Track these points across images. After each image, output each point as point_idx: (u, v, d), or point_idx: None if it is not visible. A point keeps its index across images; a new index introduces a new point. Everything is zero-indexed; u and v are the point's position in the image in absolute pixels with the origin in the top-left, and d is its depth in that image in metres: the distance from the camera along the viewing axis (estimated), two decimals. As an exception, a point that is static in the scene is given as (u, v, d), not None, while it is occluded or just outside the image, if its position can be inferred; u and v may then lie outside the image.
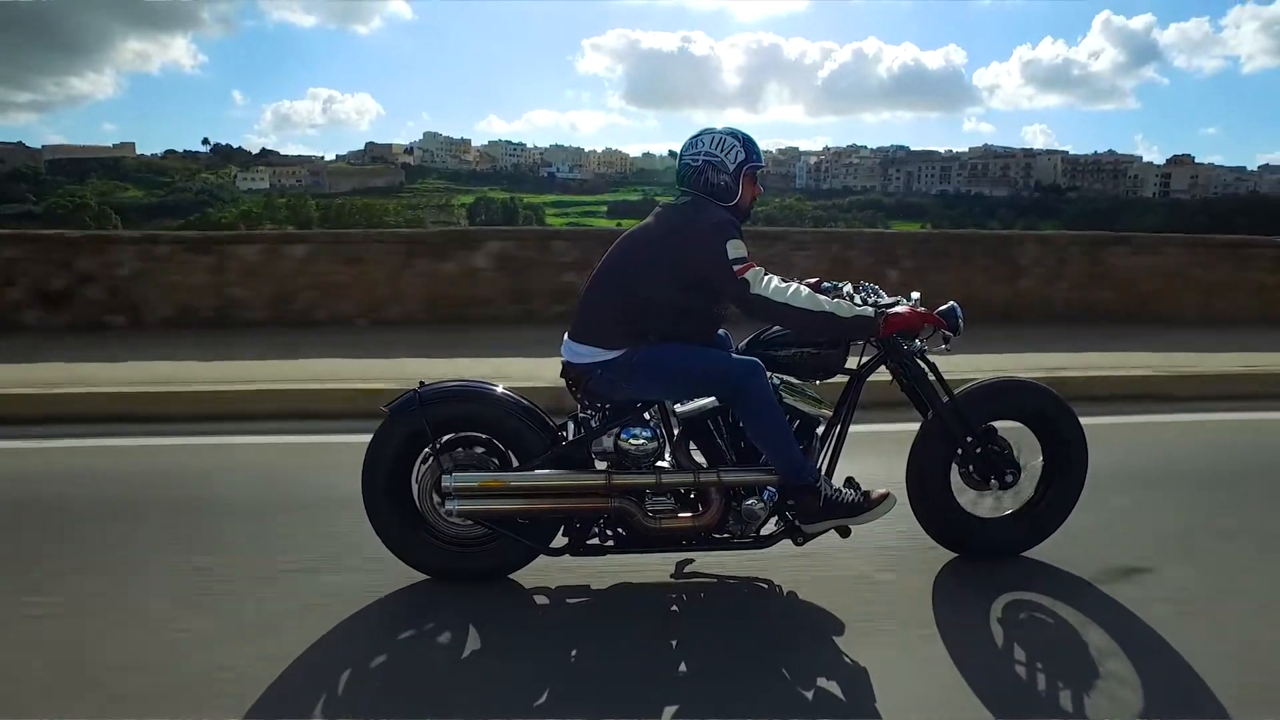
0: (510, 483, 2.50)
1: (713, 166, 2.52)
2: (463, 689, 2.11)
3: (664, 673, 2.19)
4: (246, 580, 2.65)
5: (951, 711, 2.02)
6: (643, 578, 2.69)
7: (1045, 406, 2.83)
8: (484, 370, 4.75)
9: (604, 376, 2.51)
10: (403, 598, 2.56)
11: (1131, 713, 2.04)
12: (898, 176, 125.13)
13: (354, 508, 2.64)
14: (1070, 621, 2.47)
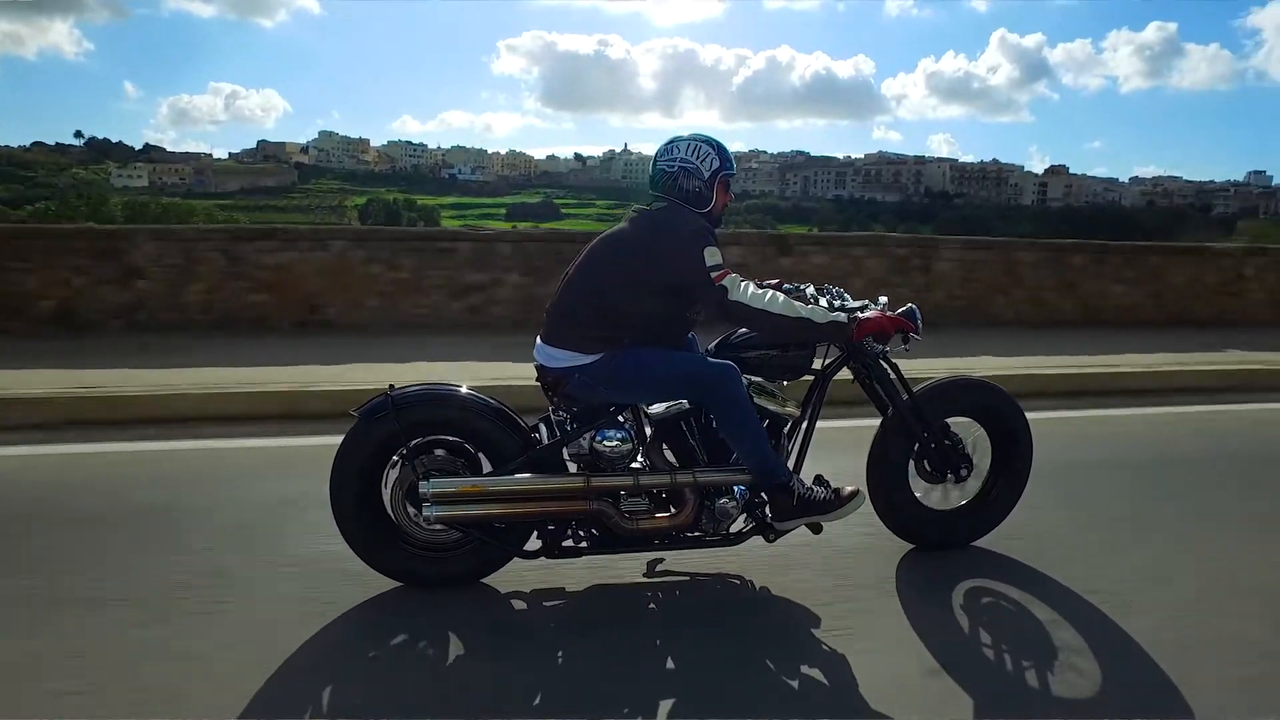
0: (489, 487, 2.51)
1: (688, 173, 2.59)
2: (445, 695, 2.11)
3: (650, 672, 2.24)
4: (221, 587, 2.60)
5: (930, 694, 2.14)
6: (616, 578, 2.74)
7: (996, 403, 3.00)
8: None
9: (581, 380, 2.55)
10: (376, 605, 2.54)
11: (1090, 683, 2.20)
12: (795, 181, 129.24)
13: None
14: (1022, 603, 2.64)
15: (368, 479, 2.56)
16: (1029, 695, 2.16)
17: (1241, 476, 4.04)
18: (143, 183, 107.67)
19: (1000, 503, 3.02)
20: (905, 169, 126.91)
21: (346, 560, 2.61)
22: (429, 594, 2.60)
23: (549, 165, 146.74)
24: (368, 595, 2.57)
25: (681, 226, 2.51)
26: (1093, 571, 2.83)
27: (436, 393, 2.63)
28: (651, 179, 2.67)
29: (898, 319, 2.67)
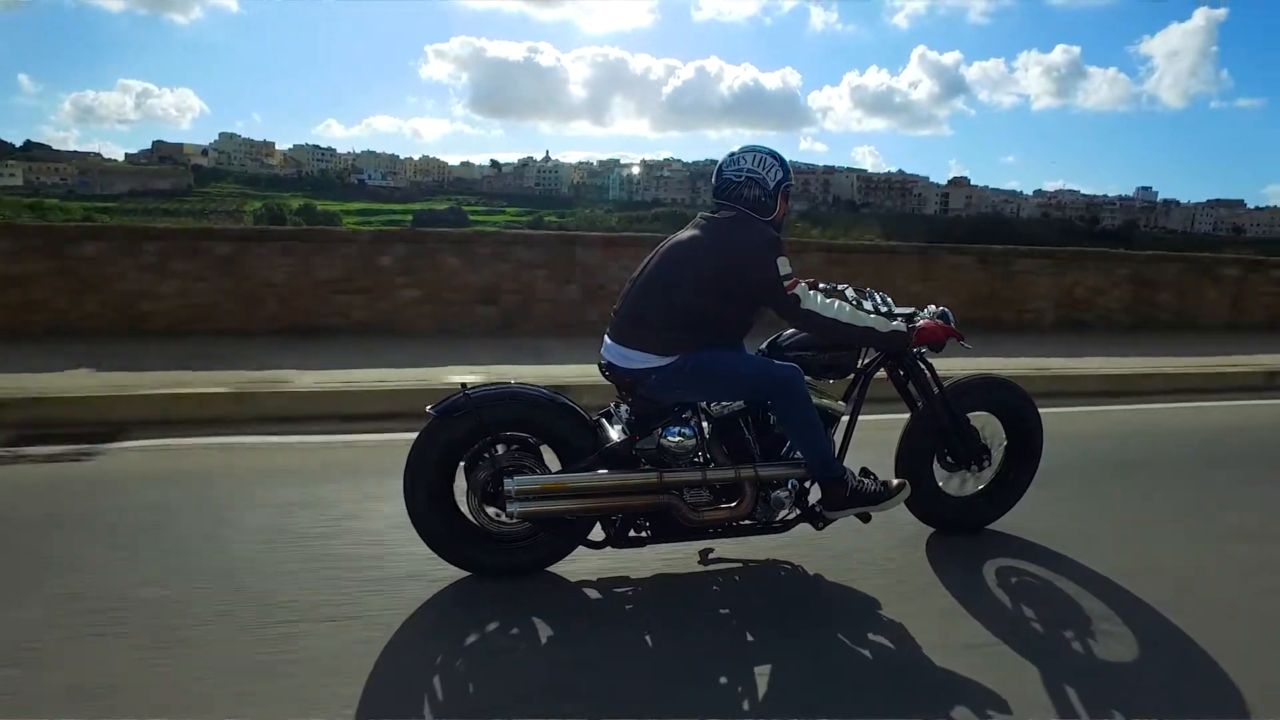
0: (570, 484, 2.65)
1: (754, 183, 2.75)
2: (551, 682, 2.27)
3: (734, 654, 2.46)
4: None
5: (987, 658, 2.42)
6: (672, 568, 2.94)
7: (1014, 400, 3.29)
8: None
9: (659, 381, 2.70)
10: (449, 596, 2.69)
11: (1126, 646, 2.51)
12: (706, 190, 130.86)
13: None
14: (1046, 578, 2.95)
15: (442, 475, 2.70)
16: (1074, 657, 2.45)
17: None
18: (16, 181, 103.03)
19: (1013, 490, 3.33)
20: (814, 178, 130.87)
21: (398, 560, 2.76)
22: (511, 585, 2.75)
23: (463, 171, 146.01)
24: (438, 589, 2.72)
25: (758, 237, 2.66)
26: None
27: (511, 391, 2.77)
28: (716, 188, 2.83)
29: (949, 328, 2.93)
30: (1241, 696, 2.28)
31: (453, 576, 2.77)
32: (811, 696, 2.22)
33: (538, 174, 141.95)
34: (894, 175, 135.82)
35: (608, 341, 2.80)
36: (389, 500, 3.13)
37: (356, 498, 3.48)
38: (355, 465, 3.98)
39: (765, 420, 2.88)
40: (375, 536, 3.08)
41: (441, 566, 2.77)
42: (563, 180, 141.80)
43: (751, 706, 2.17)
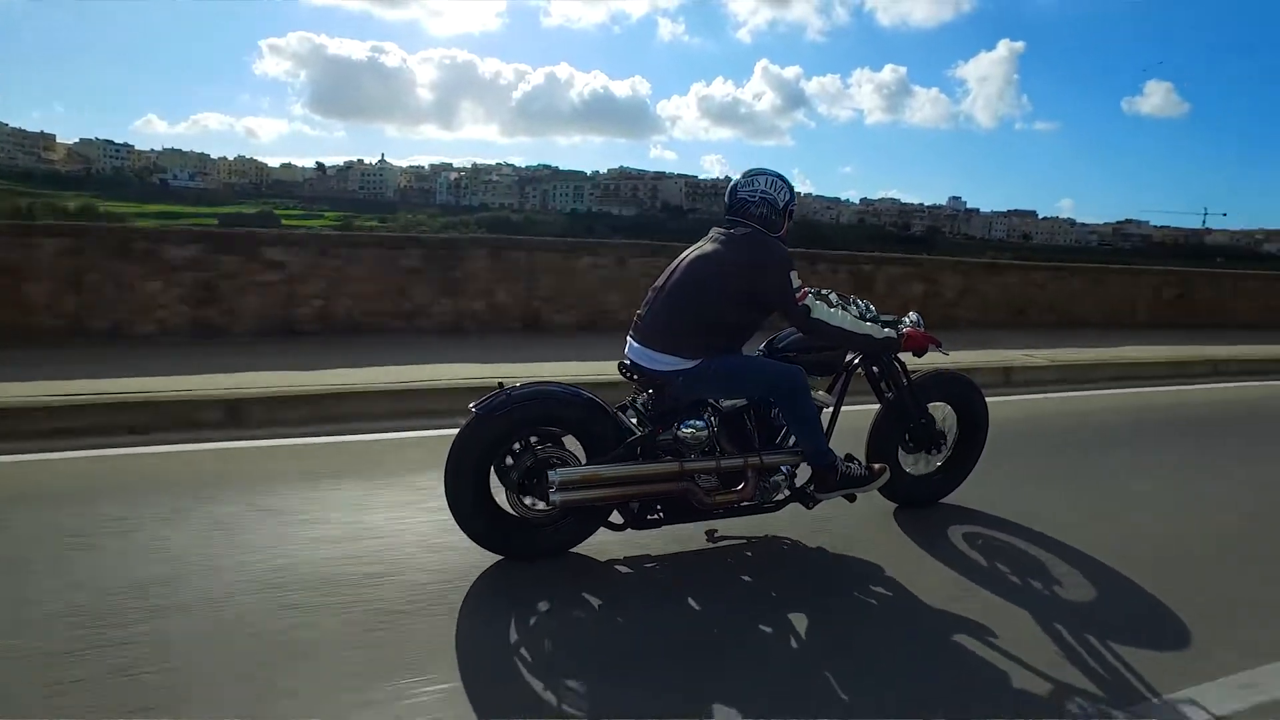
0: (606, 474, 2.95)
1: (767, 203, 3.13)
2: (623, 648, 2.59)
3: (767, 613, 2.84)
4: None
5: (971, 602, 2.93)
6: (683, 545, 3.29)
7: (966, 391, 3.87)
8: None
9: (685, 382, 3.05)
10: (502, 581, 2.94)
11: (1085, 588, 3.08)
12: (535, 195, 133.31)
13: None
14: (1000, 538, 3.53)
15: (481, 468, 2.96)
16: (1042, 596, 3.01)
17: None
18: None
19: (964, 467, 3.91)
20: (642, 184, 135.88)
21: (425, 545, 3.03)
22: (547, 566, 3.04)
23: (284, 174, 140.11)
24: (479, 571, 2.99)
25: (775, 252, 3.04)
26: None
27: (546, 389, 3.05)
28: (731, 205, 3.18)
29: (931, 335, 3.43)
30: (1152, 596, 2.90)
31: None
32: (844, 648, 2.63)
33: (362, 177, 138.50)
34: (720, 181, 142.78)
35: (633, 345, 3.13)
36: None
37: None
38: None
39: (764, 414, 3.28)
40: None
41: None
42: (389, 184, 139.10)
43: (789, 662, 2.53)
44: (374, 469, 4.09)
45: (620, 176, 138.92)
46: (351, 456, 4.31)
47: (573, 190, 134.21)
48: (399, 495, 3.69)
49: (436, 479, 3.05)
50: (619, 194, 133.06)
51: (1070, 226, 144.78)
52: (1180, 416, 6.72)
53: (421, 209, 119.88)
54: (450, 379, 5.49)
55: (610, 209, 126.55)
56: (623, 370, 3.18)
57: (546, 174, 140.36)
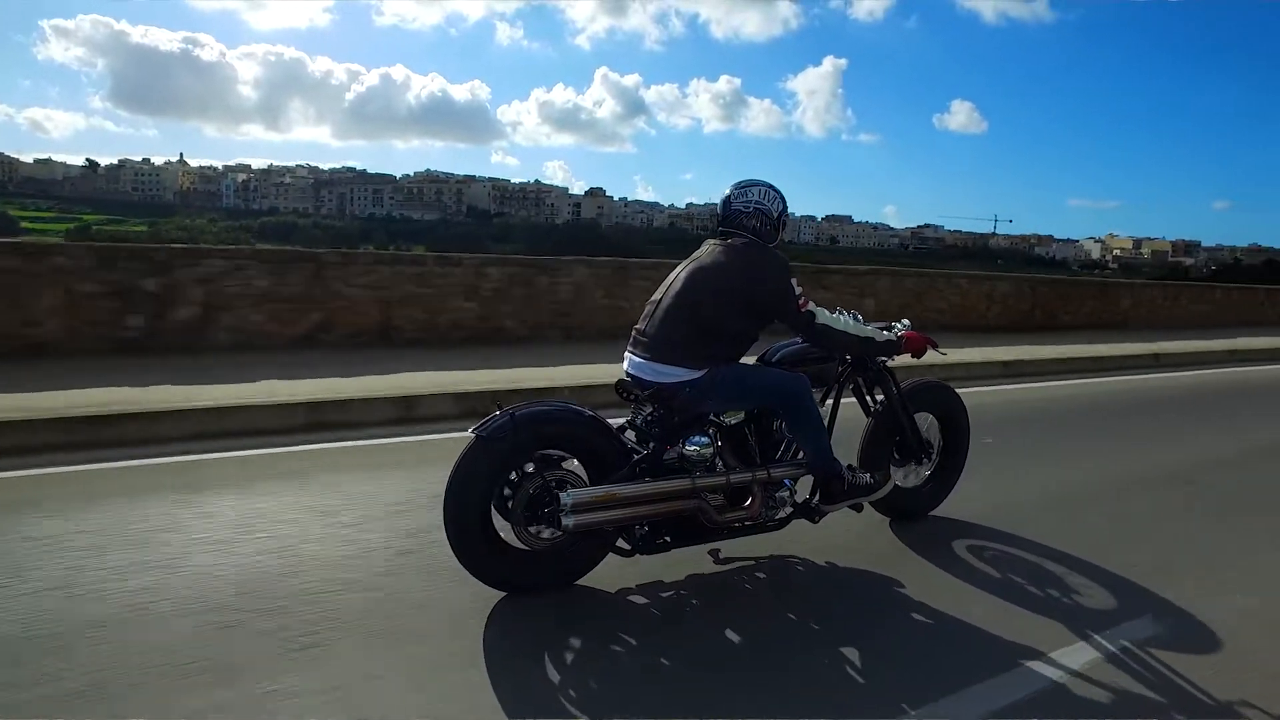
0: (620, 494, 2.85)
1: (761, 213, 3.18)
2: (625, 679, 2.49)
3: (794, 636, 2.83)
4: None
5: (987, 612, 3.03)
6: (697, 569, 3.22)
7: (949, 400, 3.96)
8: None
9: (692, 393, 3.00)
10: (510, 615, 2.76)
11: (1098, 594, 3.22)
12: (330, 198, 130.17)
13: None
14: (1008, 549, 3.62)
15: (485, 495, 2.80)
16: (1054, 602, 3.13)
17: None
18: None
19: (951, 476, 3.98)
20: (447, 188, 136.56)
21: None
22: (564, 599, 2.89)
23: (39, 170, 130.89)
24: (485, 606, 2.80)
25: (774, 260, 3.11)
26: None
27: (550, 410, 2.95)
28: (725, 216, 3.21)
29: (928, 337, 3.52)
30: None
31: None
32: (878, 665, 2.62)
33: (135, 176, 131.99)
34: (529, 185, 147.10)
35: (635, 359, 3.08)
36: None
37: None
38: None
39: (764, 428, 3.30)
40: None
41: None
42: (167, 185, 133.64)
43: (825, 684, 2.49)
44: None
45: (425, 180, 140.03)
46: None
47: (372, 194, 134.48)
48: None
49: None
50: (422, 198, 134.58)
51: (874, 230, 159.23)
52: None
53: (204, 213, 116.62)
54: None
55: (412, 214, 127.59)
56: (621, 389, 3.15)
57: (348, 176, 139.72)
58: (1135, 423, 6.98)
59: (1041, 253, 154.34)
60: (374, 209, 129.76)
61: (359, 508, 3.73)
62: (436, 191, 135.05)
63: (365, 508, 3.73)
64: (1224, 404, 8.33)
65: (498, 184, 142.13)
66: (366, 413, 5.32)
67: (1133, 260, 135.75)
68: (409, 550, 3.27)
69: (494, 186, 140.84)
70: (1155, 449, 5.86)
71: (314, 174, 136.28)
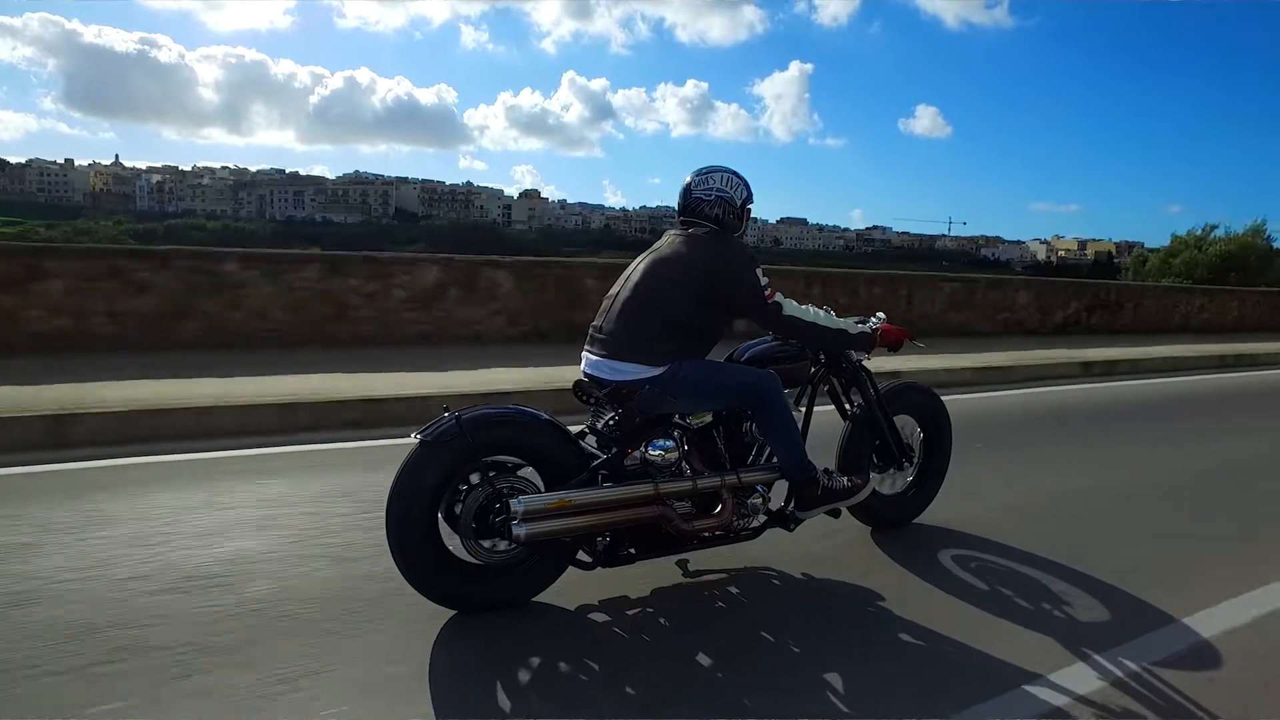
0: (576, 500, 2.67)
1: (724, 201, 3.01)
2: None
3: (774, 655, 2.61)
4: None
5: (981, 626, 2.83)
6: (662, 582, 3.02)
7: (930, 403, 3.78)
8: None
9: (651, 392, 2.82)
10: (466, 631, 2.53)
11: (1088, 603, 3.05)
12: (250, 200, 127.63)
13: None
14: (996, 559, 3.44)
15: (429, 505, 2.60)
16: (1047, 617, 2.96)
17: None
18: None
19: (933, 482, 3.83)
20: (373, 189, 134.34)
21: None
22: (518, 617, 2.69)
23: None
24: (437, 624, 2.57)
25: (740, 251, 2.95)
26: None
27: (502, 413, 2.77)
28: (685, 205, 3.03)
29: (905, 331, 3.37)
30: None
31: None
32: (861, 683, 2.43)
33: (41, 177, 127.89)
34: (459, 187, 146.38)
35: (591, 357, 2.91)
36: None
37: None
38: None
39: (734, 430, 3.12)
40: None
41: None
42: (76, 186, 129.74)
43: (804, 709, 2.29)
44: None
45: (352, 182, 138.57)
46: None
47: (293, 196, 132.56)
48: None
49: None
50: (347, 200, 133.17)
51: (820, 233, 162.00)
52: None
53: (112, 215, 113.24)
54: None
55: (334, 216, 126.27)
56: (579, 391, 2.97)
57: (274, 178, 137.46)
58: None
59: (988, 254, 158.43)
60: (294, 211, 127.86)
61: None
62: (362, 194, 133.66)
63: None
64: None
65: (427, 185, 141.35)
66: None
67: (1077, 261, 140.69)
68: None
69: (423, 188, 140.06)
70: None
71: (236, 175, 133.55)
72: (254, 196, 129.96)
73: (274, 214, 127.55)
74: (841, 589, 3.10)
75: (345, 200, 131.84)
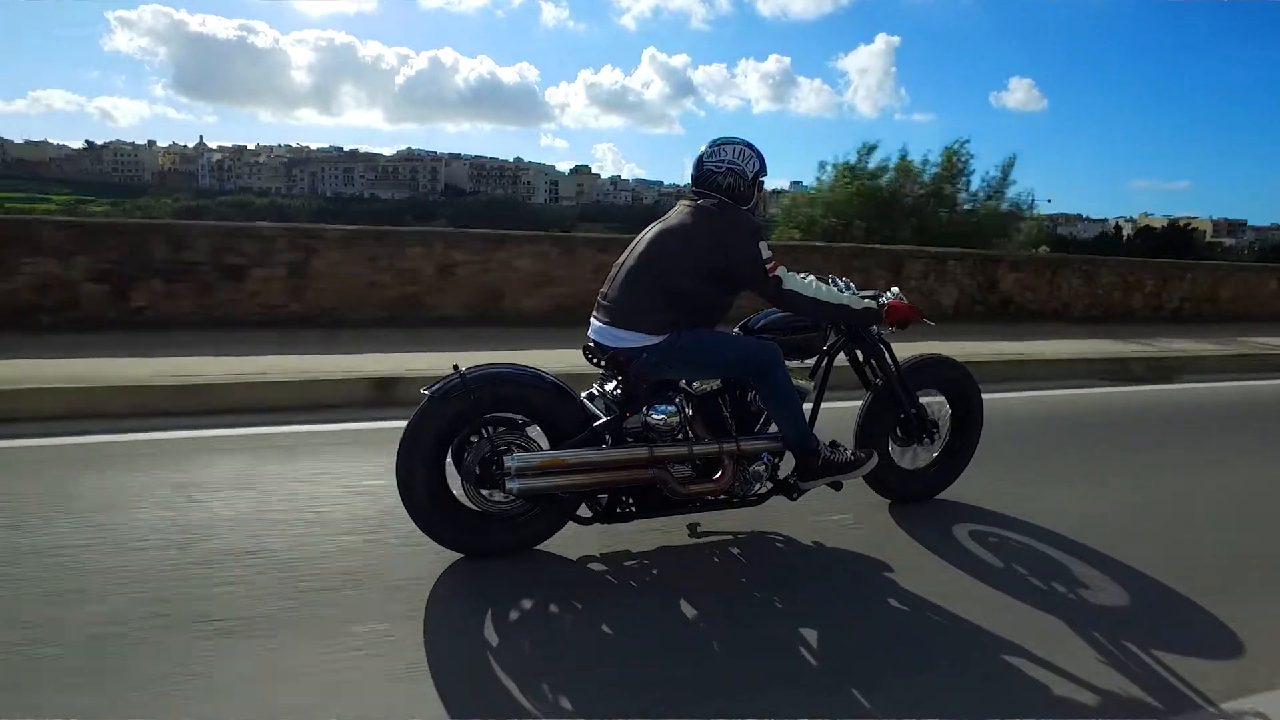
0: (568, 460, 2.81)
1: (735, 173, 3.03)
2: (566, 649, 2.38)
3: (756, 620, 2.63)
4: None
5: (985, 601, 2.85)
6: (669, 540, 3.11)
7: (957, 376, 3.71)
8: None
9: (649, 360, 2.90)
10: (458, 579, 2.74)
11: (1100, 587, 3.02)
12: (302, 177, 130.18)
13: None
14: (1014, 536, 3.37)
15: (437, 456, 2.80)
16: (1061, 598, 2.94)
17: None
18: None
19: (960, 459, 3.76)
20: (422, 166, 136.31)
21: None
22: (516, 562, 2.86)
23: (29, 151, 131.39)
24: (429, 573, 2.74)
25: (742, 223, 2.97)
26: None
27: (505, 372, 2.89)
28: (696, 177, 3.07)
29: (915, 307, 3.32)
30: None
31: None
32: (839, 650, 2.45)
33: (115, 157, 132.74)
34: (508, 163, 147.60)
35: (596, 324, 2.99)
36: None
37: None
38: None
39: (741, 398, 3.16)
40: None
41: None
42: (146, 166, 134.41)
43: (777, 662, 2.34)
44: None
45: (404, 159, 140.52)
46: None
47: (343, 173, 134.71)
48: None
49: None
50: (397, 176, 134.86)
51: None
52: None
53: (176, 192, 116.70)
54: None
55: (381, 193, 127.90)
56: (587, 354, 3.05)
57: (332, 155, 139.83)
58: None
59: (1065, 232, 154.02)
60: (344, 188, 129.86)
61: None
62: (411, 170, 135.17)
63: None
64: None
65: (475, 162, 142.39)
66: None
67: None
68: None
69: (470, 164, 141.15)
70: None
71: (290, 152, 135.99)
72: (306, 173, 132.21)
73: (324, 190, 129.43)
74: (844, 556, 3.12)
75: (395, 176, 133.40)
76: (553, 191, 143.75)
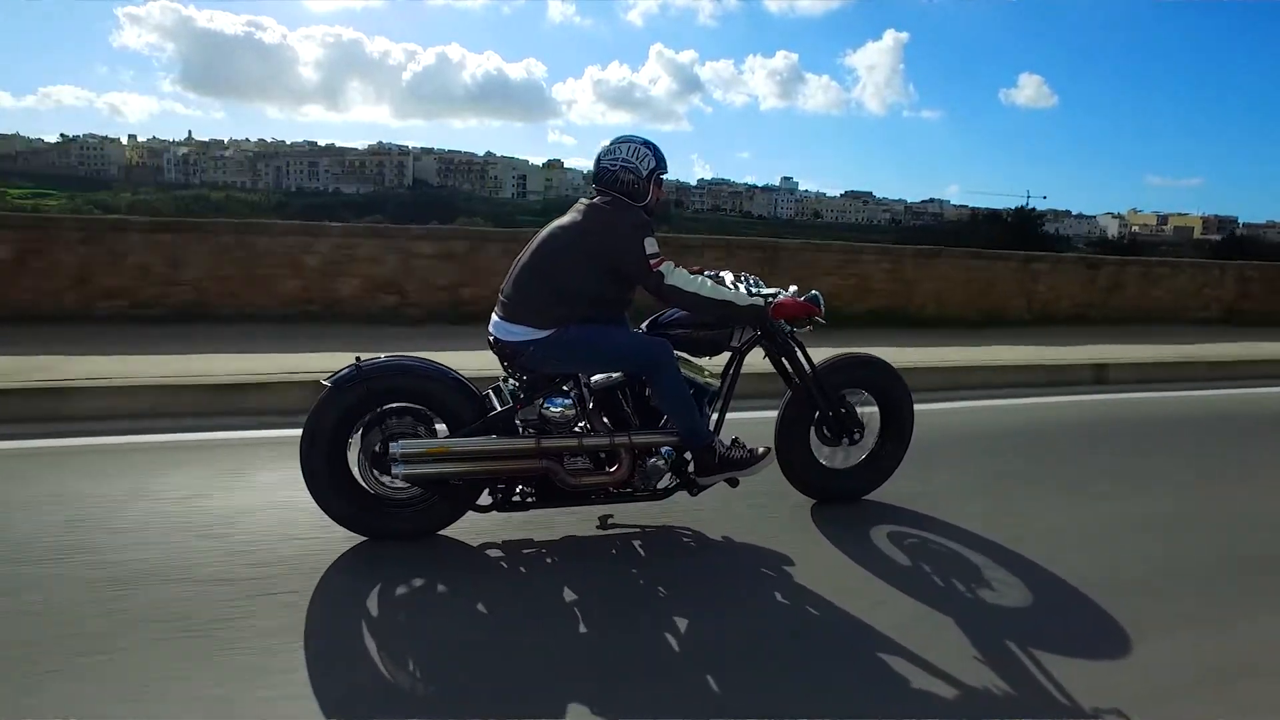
0: (453, 448, 2.93)
1: (629, 171, 3.10)
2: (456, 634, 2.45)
3: (645, 604, 2.72)
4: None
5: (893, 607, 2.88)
6: (576, 531, 3.19)
7: (881, 376, 3.69)
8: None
9: (536, 353, 2.98)
10: (353, 560, 2.89)
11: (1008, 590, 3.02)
12: (267, 172, 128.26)
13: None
14: (934, 540, 3.36)
15: (336, 443, 2.93)
16: (965, 600, 2.93)
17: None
18: None
19: (889, 461, 3.73)
20: (389, 160, 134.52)
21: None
22: (423, 547, 3.00)
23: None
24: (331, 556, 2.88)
25: (628, 219, 3.04)
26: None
27: (402, 364, 3.01)
28: (595, 175, 3.16)
29: (807, 304, 3.31)
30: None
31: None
32: (739, 652, 2.45)
33: (81, 150, 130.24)
34: (477, 158, 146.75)
35: (494, 319, 3.08)
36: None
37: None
38: None
39: (642, 393, 3.21)
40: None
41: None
42: (112, 160, 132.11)
43: (666, 664, 2.37)
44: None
45: (371, 153, 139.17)
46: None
47: (308, 167, 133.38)
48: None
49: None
50: (364, 171, 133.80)
51: (864, 205, 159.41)
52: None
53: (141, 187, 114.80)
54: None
55: (346, 187, 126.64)
56: (490, 346, 3.15)
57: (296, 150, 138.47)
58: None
59: (1050, 229, 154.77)
60: (308, 183, 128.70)
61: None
62: (379, 165, 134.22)
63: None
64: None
65: (443, 156, 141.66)
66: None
67: (1151, 238, 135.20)
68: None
69: (438, 158, 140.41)
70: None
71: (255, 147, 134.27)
72: (270, 168, 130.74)
73: (289, 185, 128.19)
74: (747, 550, 3.17)
75: (362, 171, 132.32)
76: (520, 186, 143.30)
